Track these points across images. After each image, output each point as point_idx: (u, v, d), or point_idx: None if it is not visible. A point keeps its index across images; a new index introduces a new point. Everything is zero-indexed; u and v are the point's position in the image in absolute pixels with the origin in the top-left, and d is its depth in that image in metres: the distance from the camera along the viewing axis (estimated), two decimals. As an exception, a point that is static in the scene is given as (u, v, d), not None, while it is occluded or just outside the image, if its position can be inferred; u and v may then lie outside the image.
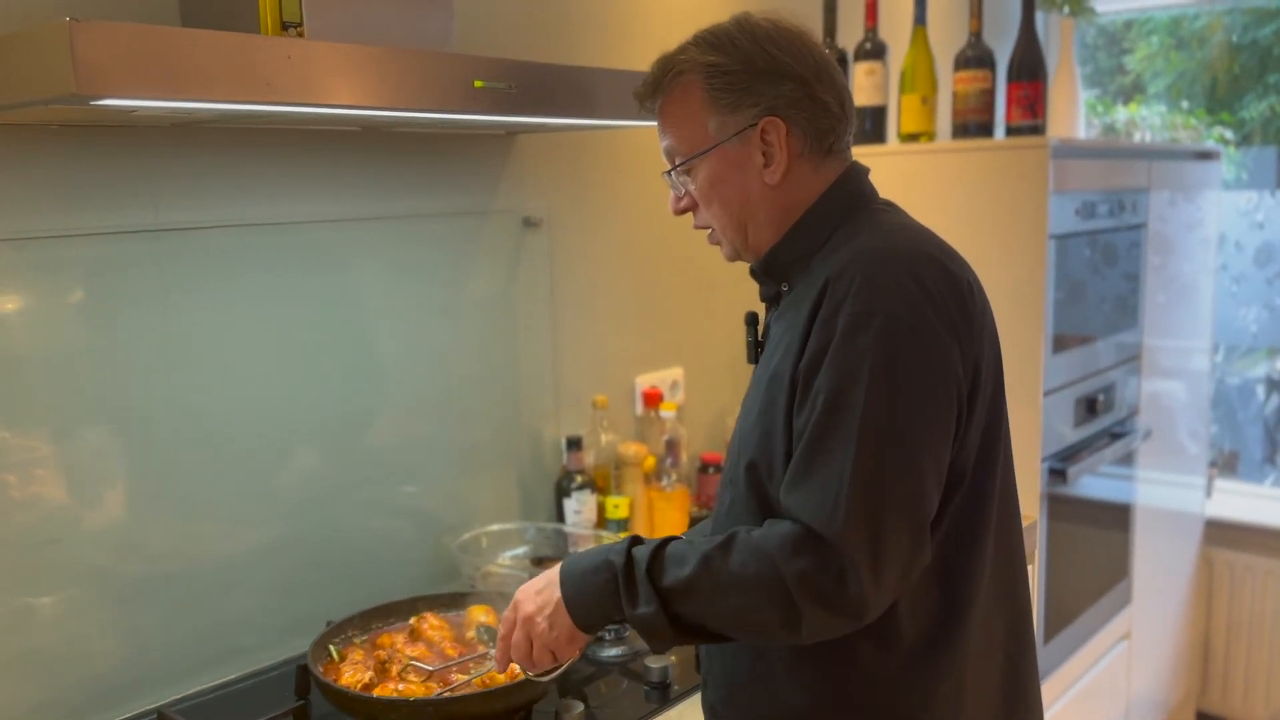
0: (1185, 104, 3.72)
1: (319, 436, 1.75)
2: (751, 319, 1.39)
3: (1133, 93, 3.82)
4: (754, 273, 1.27)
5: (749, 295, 1.33)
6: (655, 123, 1.25)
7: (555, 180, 2.08)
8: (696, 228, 1.28)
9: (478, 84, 1.34)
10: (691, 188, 1.23)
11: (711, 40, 1.18)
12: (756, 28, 1.17)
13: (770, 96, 1.16)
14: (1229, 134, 3.65)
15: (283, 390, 1.69)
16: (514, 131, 1.94)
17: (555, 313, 2.10)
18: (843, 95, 1.20)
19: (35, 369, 1.42)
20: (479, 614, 1.61)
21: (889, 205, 1.24)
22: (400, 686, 1.43)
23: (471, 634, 1.58)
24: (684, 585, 1.10)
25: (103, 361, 1.48)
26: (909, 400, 1.05)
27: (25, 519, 1.43)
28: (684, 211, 1.27)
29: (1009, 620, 1.21)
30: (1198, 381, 3.15)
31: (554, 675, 1.30)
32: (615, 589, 1.14)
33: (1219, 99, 3.67)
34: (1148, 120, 3.78)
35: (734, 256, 1.27)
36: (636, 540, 1.18)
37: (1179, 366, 2.99)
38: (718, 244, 1.28)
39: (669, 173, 1.25)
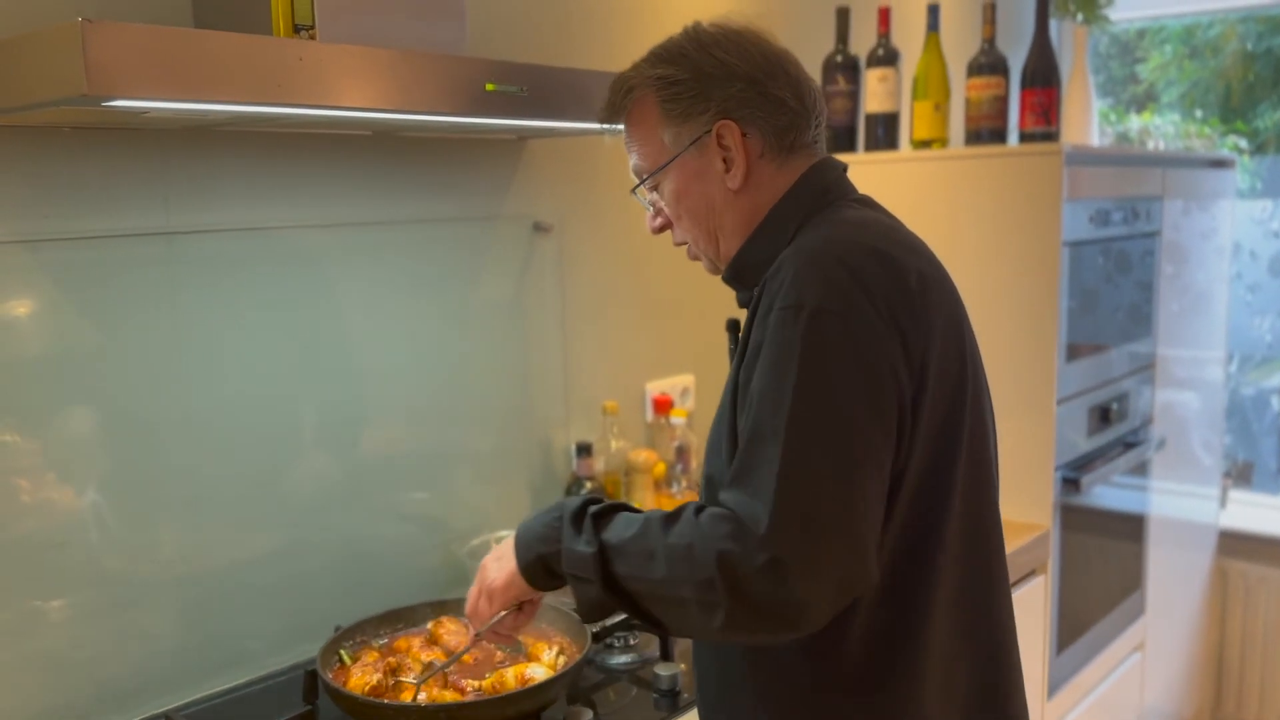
0: (1199, 113, 3.71)
1: (328, 441, 1.75)
2: (733, 326, 1.37)
3: (1145, 102, 3.81)
4: (726, 279, 1.24)
5: None
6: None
7: (566, 185, 2.08)
8: (676, 244, 1.26)
9: (489, 87, 1.34)
10: (662, 204, 1.22)
11: (661, 53, 1.17)
12: (703, 34, 1.16)
13: (720, 100, 1.14)
14: (1243, 143, 3.63)
15: (291, 395, 1.69)
16: (525, 136, 1.94)
17: (565, 318, 2.09)
18: (801, 89, 1.16)
19: (46, 371, 1.42)
20: (497, 620, 1.60)
21: (861, 200, 1.19)
22: (421, 696, 1.42)
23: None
24: (622, 543, 1.07)
25: (113, 364, 1.48)
26: (839, 396, 0.99)
27: (34, 522, 1.43)
28: (660, 230, 1.26)
29: (986, 644, 1.15)
30: (1212, 391, 3.13)
31: (484, 630, 1.28)
32: (559, 527, 1.14)
33: (1233, 108, 3.65)
34: (1161, 129, 3.77)
35: (713, 270, 1.26)
36: (598, 500, 1.16)
37: (1193, 376, 2.97)
38: (697, 259, 1.26)
39: (635, 190, 1.24)
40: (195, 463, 1.58)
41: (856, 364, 1.00)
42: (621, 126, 1.22)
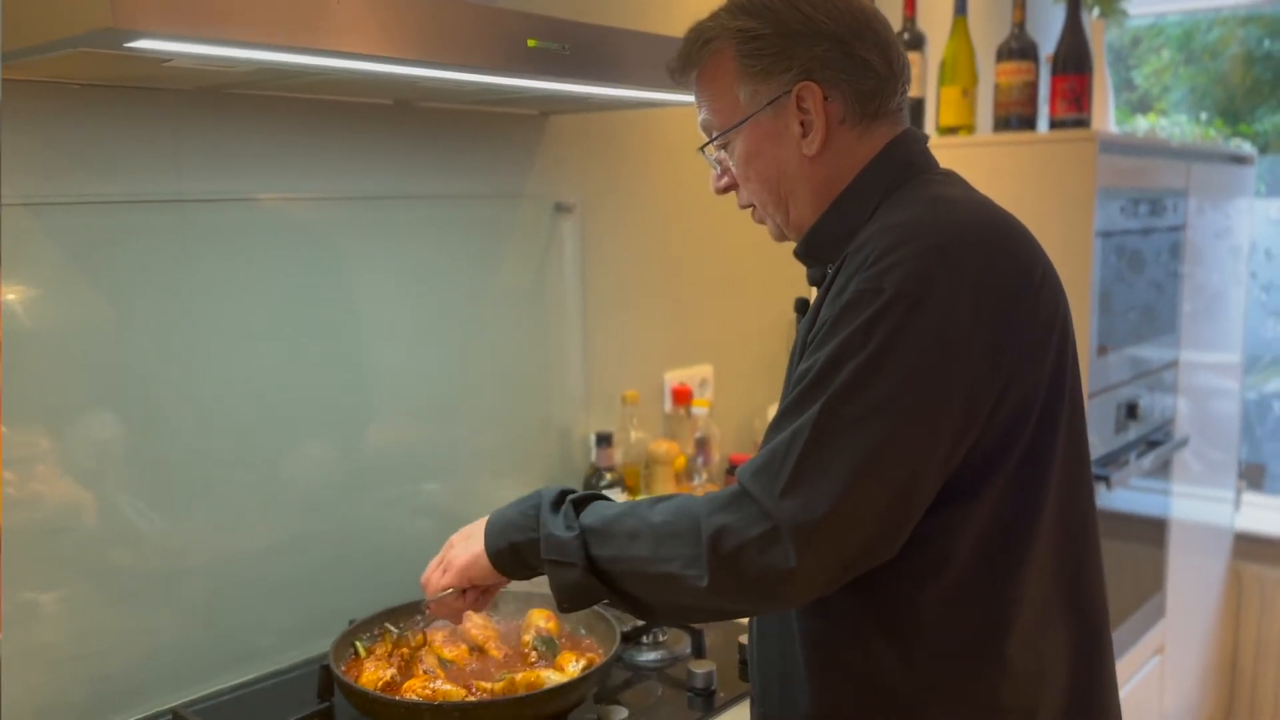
0: (1203, 115, 3.69)
1: (341, 427, 1.66)
2: (801, 305, 1.31)
3: (1139, 108, 3.79)
4: (798, 255, 1.17)
5: (783, 292, 1.26)
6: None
7: (589, 165, 2.00)
8: (741, 207, 1.19)
9: (531, 43, 1.26)
10: (730, 164, 1.15)
11: (742, 4, 1.10)
12: None
13: (804, 60, 1.06)
14: (1246, 146, 3.60)
15: (303, 377, 1.60)
16: (548, 112, 1.87)
17: (587, 302, 2.01)
18: (889, 52, 1.09)
19: (47, 345, 1.33)
20: (539, 619, 1.52)
21: (946, 175, 1.12)
22: (433, 686, 1.33)
23: (528, 638, 1.48)
24: (604, 525, 1.06)
25: (119, 339, 1.39)
26: (899, 386, 0.93)
27: (33, 506, 1.33)
28: (725, 190, 1.19)
29: (1075, 637, 1.09)
30: (1228, 393, 3.09)
31: (430, 600, 1.27)
32: (535, 515, 1.12)
33: (1232, 111, 3.64)
34: (1167, 131, 3.74)
35: (779, 236, 1.19)
36: (573, 490, 1.15)
37: (1211, 377, 2.93)
38: (762, 223, 1.19)
39: (703, 148, 1.17)
40: (204, 446, 1.49)
41: (922, 357, 0.94)
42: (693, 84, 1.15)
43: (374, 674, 1.36)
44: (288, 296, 1.57)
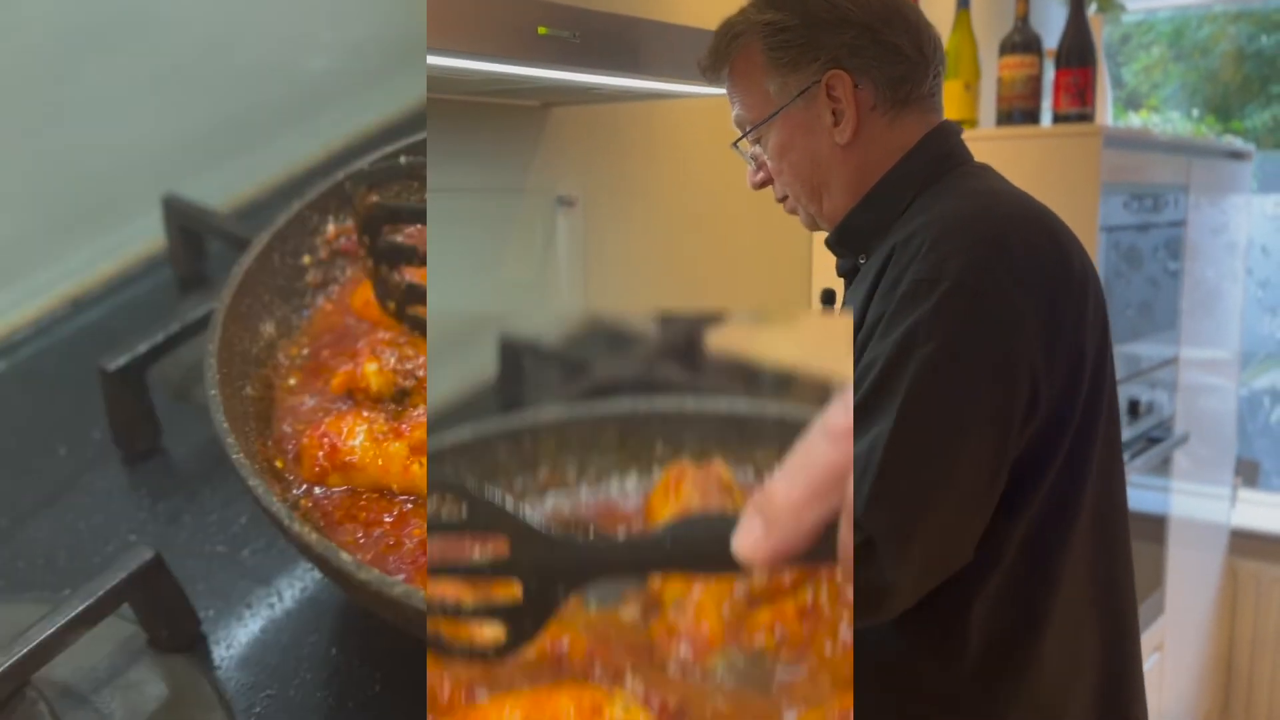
0: (1195, 112, 3.70)
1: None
2: (828, 296, 1.29)
3: (1129, 105, 3.79)
4: (829, 244, 1.17)
5: (787, 289, 1.24)
6: (723, 91, 1.17)
7: (591, 158, 1.97)
8: (778, 200, 1.19)
9: (542, 30, 1.23)
10: (765, 158, 1.15)
11: None
12: None
13: (832, 48, 1.06)
14: (1238, 143, 3.61)
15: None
16: (550, 103, 1.84)
17: (588, 298, 1.98)
18: (919, 37, 1.09)
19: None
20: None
21: (983, 169, 1.12)
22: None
23: None
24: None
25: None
26: (967, 378, 0.93)
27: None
28: (762, 185, 1.18)
29: (1106, 634, 1.08)
30: (1227, 390, 3.09)
31: None
32: None
33: (1224, 108, 3.64)
34: (1160, 128, 3.74)
35: (812, 226, 1.18)
36: None
37: (1209, 373, 2.93)
38: (794, 213, 1.19)
39: (736, 144, 1.17)
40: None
41: (988, 348, 0.94)
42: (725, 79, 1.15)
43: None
44: (286, 291, 1.53)
